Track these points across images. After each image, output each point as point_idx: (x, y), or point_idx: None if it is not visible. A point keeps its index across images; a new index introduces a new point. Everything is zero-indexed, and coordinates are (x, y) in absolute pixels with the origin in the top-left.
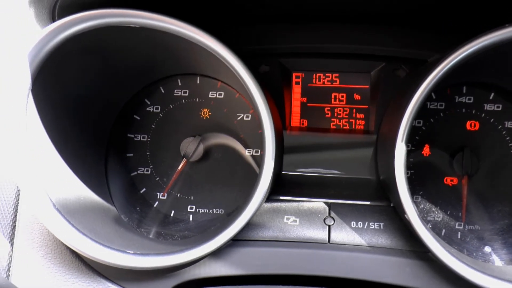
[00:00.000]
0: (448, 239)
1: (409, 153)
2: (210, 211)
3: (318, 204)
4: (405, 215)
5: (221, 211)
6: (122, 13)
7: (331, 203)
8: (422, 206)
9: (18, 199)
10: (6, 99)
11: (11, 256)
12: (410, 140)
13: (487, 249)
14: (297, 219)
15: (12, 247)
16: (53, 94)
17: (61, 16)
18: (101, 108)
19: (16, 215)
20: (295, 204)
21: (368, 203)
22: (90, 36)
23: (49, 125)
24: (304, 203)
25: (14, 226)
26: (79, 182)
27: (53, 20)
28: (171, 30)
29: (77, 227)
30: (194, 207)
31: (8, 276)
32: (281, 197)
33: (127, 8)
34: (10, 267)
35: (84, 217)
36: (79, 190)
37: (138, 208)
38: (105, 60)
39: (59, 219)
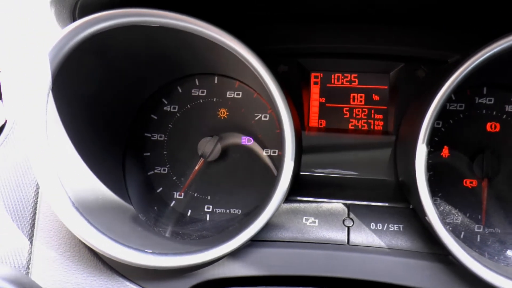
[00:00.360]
0: (468, 242)
1: (428, 155)
2: (227, 211)
3: (337, 205)
4: (426, 217)
5: (238, 211)
6: (143, 13)
7: (350, 204)
8: (441, 208)
9: (37, 198)
10: (27, 98)
11: (30, 253)
12: (429, 142)
13: (509, 253)
14: (316, 220)
15: (32, 245)
16: (72, 93)
17: (81, 16)
18: (118, 107)
19: (35, 213)
20: (313, 205)
21: (386, 204)
22: (110, 36)
23: (68, 124)
24: (323, 204)
25: (33, 224)
26: (97, 181)
27: (74, 19)
28: (191, 29)
29: (95, 225)
30: (211, 207)
31: (27, 273)
32: (300, 198)
33: (147, 7)
34: (29, 264)
35: (102, 215)
36: (97, 189)
37: (155, 207)
38: (123, 60)
39: (78, 218)
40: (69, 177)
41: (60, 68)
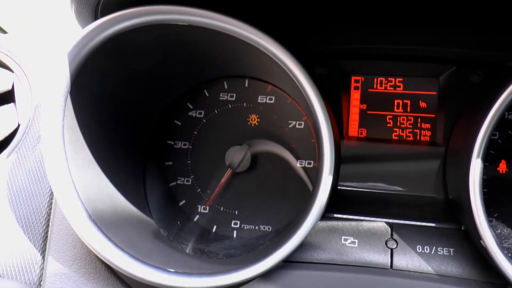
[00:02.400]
0: None
1: (483, 170)
2: (257, 227)
3: (379, 224)
4: (480, 241)
5: (269, 228)
6: (171, 10)
7: (394, 223)
8: (498, 230)
9: (51, 208)
10: (44, 101)
11: (42, 269)
12: (485, 155)
13: None
14: (356, 240)
15: (44, 259)
16: (91, 97)
17: (103, 14)
18: (140, 112)
19: (48, 225)
20: (353, 223)
21: (435, 225)
22: (133, 36)
23: (85, 130)
24: (364, 223)
25: (46, 237)
26: (116, 192)
27: (96, 18)
28: (223, 28)
29: (114, 240)
30: (238, 222)
31: None
32: (338, 215)
33: (175, 4)
34: (41, 280)
35: (121, 230)
36: (116, 201)
37: (178, 222)
38: (146, 61)
39: (94, 232)
40: (86, 187)
41: (80, 70)
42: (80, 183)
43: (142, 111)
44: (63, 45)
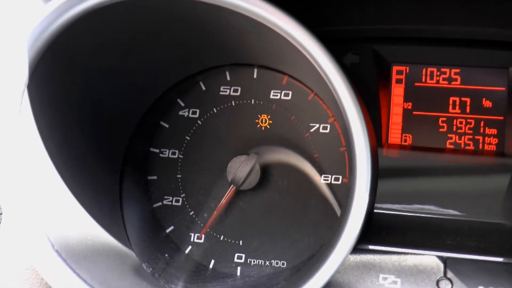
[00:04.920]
0: None
1: None
2: (267, 263)
3: (428, 258)
4: None
5: (283, 264)
6: None
7: (448, 257)
8: None
9: None
10: None
11: None
12: None
13: None
14: (398, 280)
15: None
16: (54, 93)
17: None
18: (116, 111)
19: None
20: (394, 257)
21: (501, 259)
22: (111, 12)
23: (45, 133)
24: (408, 257)
25: None
26: (85, 214)
27: None
28: (225, 3)
29: (83, 277)
30: (243, 256)
31: None
32: (373, 247)
33: None
34: None
35: (92, 263)
36: (86, 226)
37: (165, 255)
38: (127, 47)
39: (58, 265)
40: (48, 209)
41: (41, 58)
42: (40, 204)
43: (120, 110)
44: (22, 27)
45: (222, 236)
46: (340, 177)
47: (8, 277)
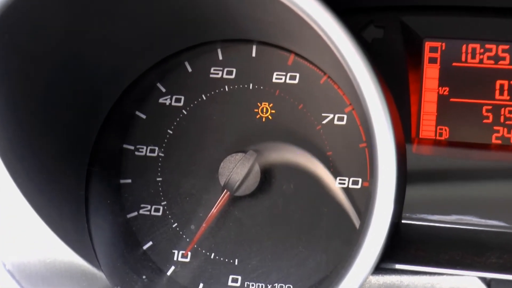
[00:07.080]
0: None
1: None
2: (270, 287)
3: (468, 280)
4: None
5: None
6: None
7: (492, 279)
8: None
9: None
10: None
11: None
12: None
13: None
14: None
15: None
16: (6, 78)
17: None
18: (81, 100)
19: None
20: (426, 278)
21: None
22: None
23: None
24: (443, 278)
25: None
26: (44, 227)
27: None
28: None
29: None
30: (239, 278)
31: None
32: (401, 266)
33: None
34: None
35: (53, 287)
36: (44, 242)
37: (143, 277)
38: (92, 19)
39: None
40: None
41: None
42: None
43: (85, 97)
44: None
45: (213, 254)
46: (360, 180)
47: None
